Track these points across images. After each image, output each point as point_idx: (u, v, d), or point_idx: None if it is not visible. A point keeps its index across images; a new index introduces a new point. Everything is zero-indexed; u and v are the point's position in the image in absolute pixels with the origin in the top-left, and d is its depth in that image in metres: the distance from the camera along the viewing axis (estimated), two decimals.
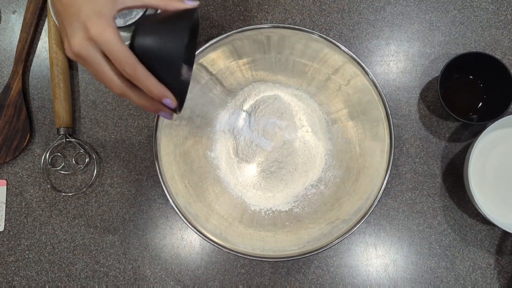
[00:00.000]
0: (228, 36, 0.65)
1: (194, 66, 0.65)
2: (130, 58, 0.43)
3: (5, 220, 0.75)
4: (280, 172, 0.72)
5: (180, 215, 0.64)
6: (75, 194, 0.75)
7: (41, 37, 0.78)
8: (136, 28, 0.46)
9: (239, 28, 0.65)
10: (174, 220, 0.75)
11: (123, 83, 0.44)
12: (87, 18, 0.42)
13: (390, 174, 0.64)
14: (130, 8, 0.46)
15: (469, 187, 0.67)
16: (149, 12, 0.69)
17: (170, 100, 0.46)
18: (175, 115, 0.52)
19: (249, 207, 0.72)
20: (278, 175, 0.72)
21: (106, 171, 0.76)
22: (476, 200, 0.67)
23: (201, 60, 0.66)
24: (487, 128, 0.67)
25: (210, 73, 0.69)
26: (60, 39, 0.74)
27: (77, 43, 0.42)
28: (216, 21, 0.78)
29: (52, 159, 0.75)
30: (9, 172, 0.76)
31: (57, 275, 0.74)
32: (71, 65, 0.77)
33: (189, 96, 0.62)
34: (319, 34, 0.64)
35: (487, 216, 0.66)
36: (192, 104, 0.70)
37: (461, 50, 0.76)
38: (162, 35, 0.46)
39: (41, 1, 0.76)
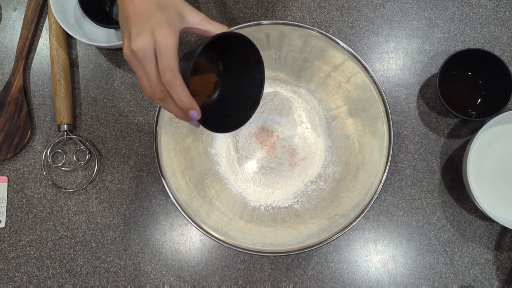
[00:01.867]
0: None
1: None
2: (174, 67, 0.46)
3: (6, 217, 0.75)
4: (280, 169, 0.73)
5: (181, 211, 0.64)
6: (76, 191, 0.75)
7: (42, 34, 0.78)
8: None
9: (239, 25, 0.65)
10: (174, 216, 0.75)
11: (159, 87, 0.47)
12: (157, 24, 0.46)
13: (389, 170, 0.64)
14: (192, 31, 0.50)
15: (468, 183, 0.68)
16: None
17: (196, 112, 0.49)
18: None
19: (249, 203, 0.72)
20: (277, 171, 0.73)
21: (106, 167, 0.76)
22: (475, 196, 0.67)
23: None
24: (486, 125, 0.68)
25: None
26: (61, 36, 0.75)
27: (140, 43, 0.45)
28: (216, 18, 0.78)
29: (53, 155, 0.76)
30: (10, 168, 0.76)
31: (58, 271, 0.74)
32: (72, 62, 0.77)
33: None
34: (319, 31, 0.65)
35: (486, 211, 0.67)
36: None
37: (460, 47, 0.76)
38: None
39: None
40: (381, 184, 0.64)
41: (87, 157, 0.75)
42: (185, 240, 0.75)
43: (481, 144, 0.72)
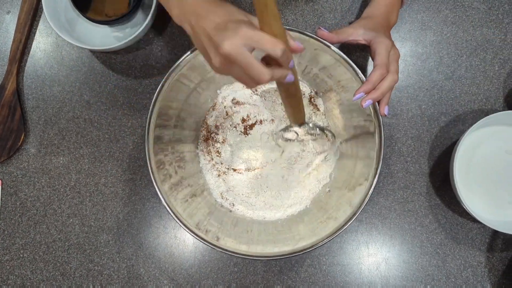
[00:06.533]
0: None
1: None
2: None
3: (0, 220, 0.75)
4: (272, 179, 0.73)
5: (173, 215, 0.64)
6: (69, 193, 0.75)
7: (35, 37, 0.78)
8: None
9: None
10: (167, 219, 0.75)
11: (264, 70, 0.47)
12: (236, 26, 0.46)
13: (381, 173, 0.65)
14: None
15: (455, 187, 0.67)
16: None
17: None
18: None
19: (241, 210, 0.72)
20: (268, 181, 0.73)
21: (100, 170, 0.76)
22: (462, 200, 0.67)
23: (193, 61, 0.66)
24: (470, 128, 0.67)
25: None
26: None
27: (230, 43, 0.45)
28: None
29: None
30: (3, 172, 0.76)
31: (51, 274, 0.75)
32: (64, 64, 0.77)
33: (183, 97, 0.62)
34: (310, 34, 0.65)
35: (474, 214, 0.67)
36: (185, 105, 0.70)
37: (452, 50, 0.76)
38: None
39: (35, 1, 0.76)
40: (373, 187, 0.64)
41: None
42: (178, 243, 0.75)
43: (467, 147, 0.72)
